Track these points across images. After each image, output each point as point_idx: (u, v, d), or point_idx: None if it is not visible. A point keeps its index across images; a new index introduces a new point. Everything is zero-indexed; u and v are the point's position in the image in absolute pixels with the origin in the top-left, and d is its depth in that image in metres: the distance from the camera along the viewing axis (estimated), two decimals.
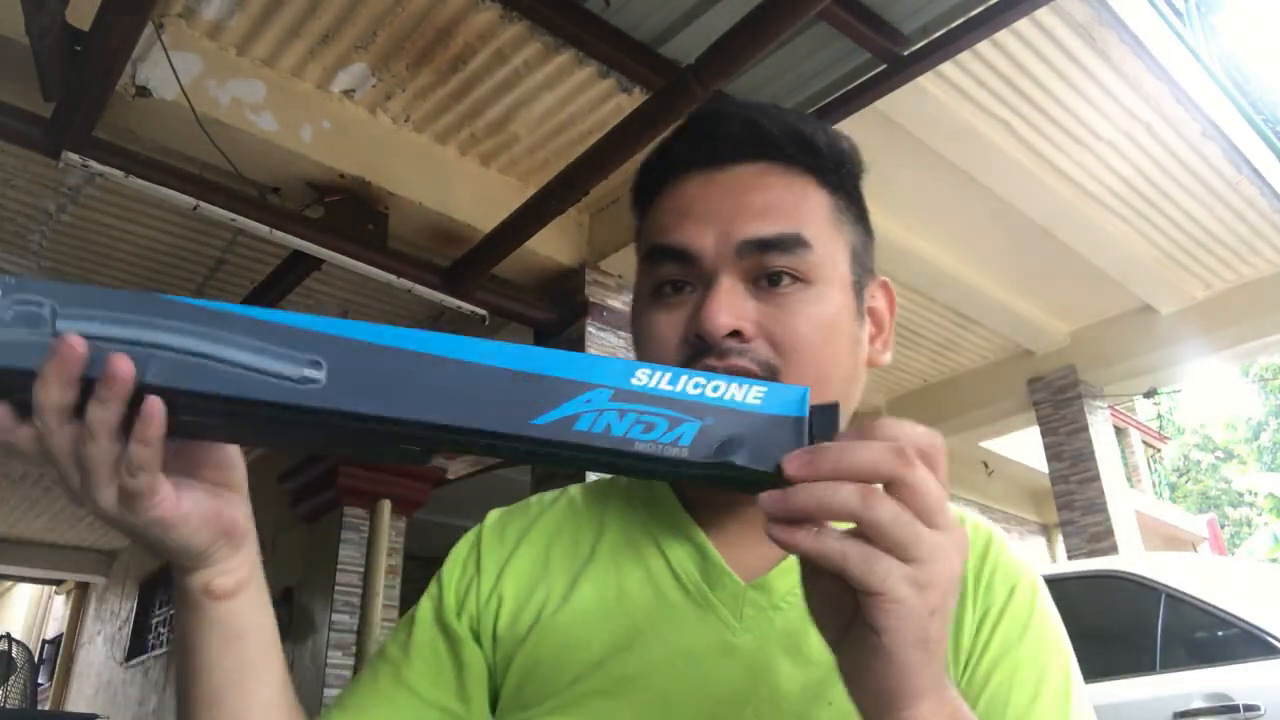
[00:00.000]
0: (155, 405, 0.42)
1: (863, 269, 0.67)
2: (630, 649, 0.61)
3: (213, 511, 0.50)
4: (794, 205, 0.64)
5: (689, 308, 0.62)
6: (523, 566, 0.68)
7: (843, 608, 0.43)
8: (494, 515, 0.74)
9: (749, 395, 0.43)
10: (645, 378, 0.43)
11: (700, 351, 0.60)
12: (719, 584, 0.63)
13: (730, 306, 0.60)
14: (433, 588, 0.71)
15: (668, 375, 0.43)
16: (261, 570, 0.56)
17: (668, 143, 0.70)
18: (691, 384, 0.43)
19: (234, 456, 0.53)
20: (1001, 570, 0.63)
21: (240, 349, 0.42)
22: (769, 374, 0.59)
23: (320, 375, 0.42)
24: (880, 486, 0.41)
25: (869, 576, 0.40)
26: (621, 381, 0.42)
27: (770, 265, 0.61)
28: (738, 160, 0.65)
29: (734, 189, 0.64)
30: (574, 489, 0.75)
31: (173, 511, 0.47)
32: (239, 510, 0.52)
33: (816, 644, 0.57)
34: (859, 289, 0.66)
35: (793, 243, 0.62)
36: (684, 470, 0.42)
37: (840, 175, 0.68)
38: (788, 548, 0.41)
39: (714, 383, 0.43)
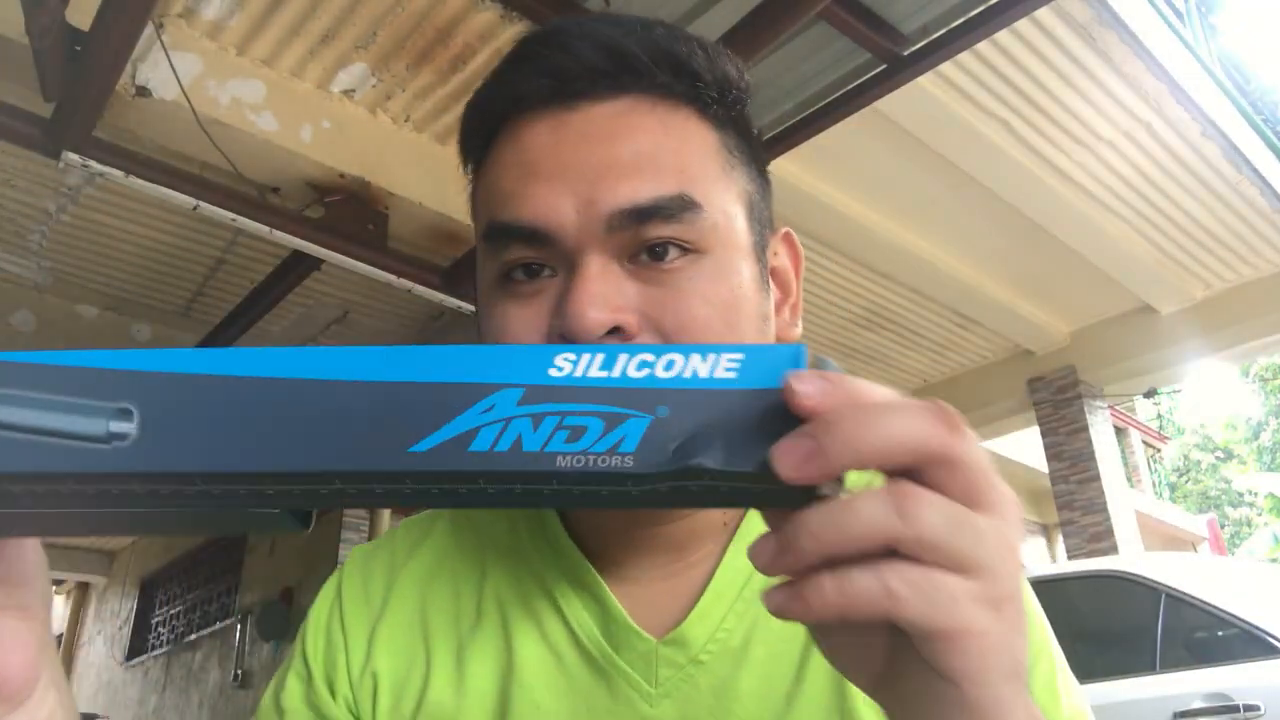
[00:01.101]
0: None
1: (761, 224, 0.54)
2: None
3: None
4: (674, 153, 0.50)
5: (549, 297, 0.49)
6: (395, 634, 0.56)
7: (875, 648, 0.33)
8: (355, 557, 0.61)
9: (718, 368, 0.31)
10: (569, 365, 0.31)
11: None
12: (625, 645, 0.52)
13: (603, 297, 0.47)
14: (297, 663, 0.57)
15: (600, 357, 0.31)
16: None
17: (501, 73, 0.54)
18: (634, 364, 0.31)
19: (25, 570, 0.35)
20: None
21: (28, 408, 0.31)
22: None
23: (130, 428, 0.31)
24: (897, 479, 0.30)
25: (934, 616, 0.29)
26: (535, 375, 0.31)
27: (650, 237, 0.48)
28: (595, 95, 0.50)
29: (593, 135, 0.50)
30: (447, 514, 0.62)
31: None
32: (11, 652, 0.34)
33: (746, 698, 0.51)
34: (760, 250, 0.53)
35: (677, 206, 0.48)
36: (635, 491, 0.31)
37: (727, 104, 0.53)
38: (806, 620, 0.31)
39: (666, 357, 0.31)
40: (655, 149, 0.49)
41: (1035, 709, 0.33)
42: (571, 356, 0.31)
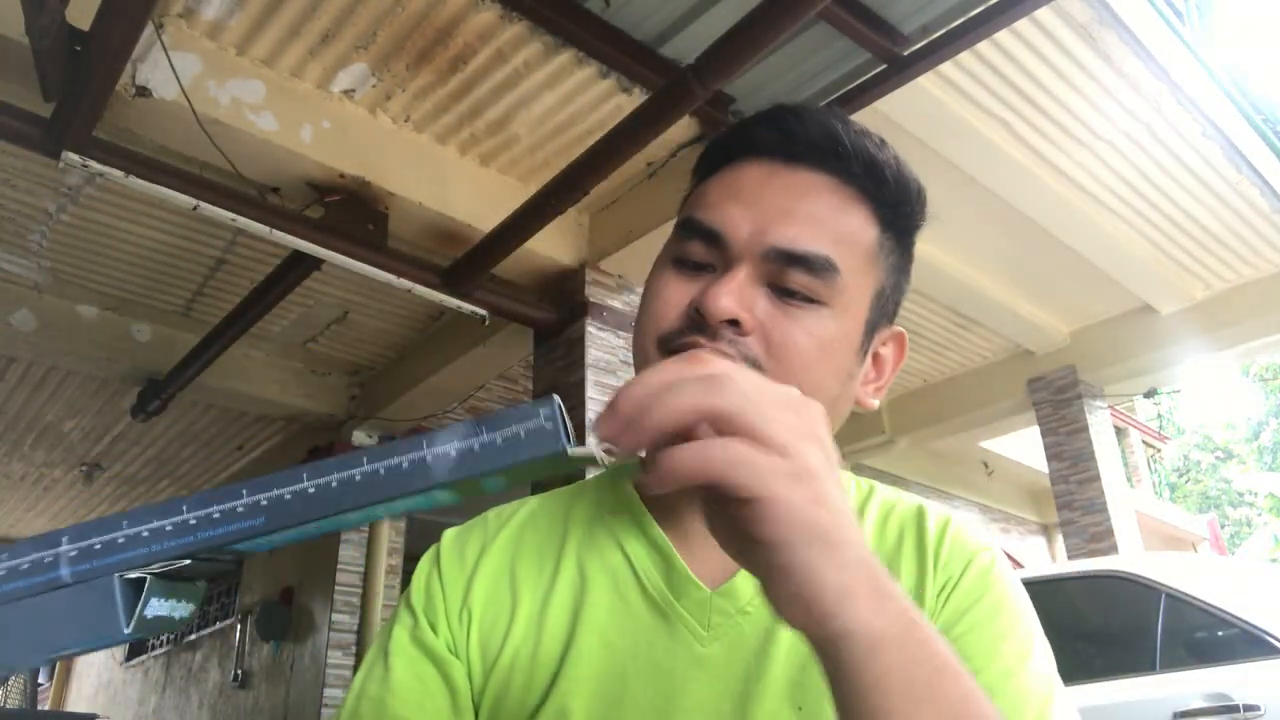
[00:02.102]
0: None
1: (882, 313, 0.66)
2: (603, 668, 0.61)
3: None
4: (837, 227, 0.62)
5: (702, 283, 0.62)
6: (487, 585, 0.66)
7: (730, 524, 0.39)
8: (449, 535, 0.72)
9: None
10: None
11: (694, 328, 0.60)
12: (684, 592, 0.62)
13: (738, 294, 0.59)
14: (404, 615, 0.67)
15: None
16: None
17: (748, 124, 0.68)
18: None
19: None
20: (957, 548, 0.64)
21: None
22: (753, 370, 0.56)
23: None
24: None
25: (738, 479, 0.35)
26: None
27: (789, 282, 0.60)
28: (805, 164, 0.64)
29: (789, 190, 0.63)
30: (534, 499, 0.73)
31: None
32: None
33: (785, 647, 0.59)
34: (870, 328, 0.65)
35: (820, 265, 0.60)
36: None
37: (897, 213, 0.66)
38: (664, 487, 0.37)
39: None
40: (825, 218, 0.62)
41: (881, 579, 0.38)
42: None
